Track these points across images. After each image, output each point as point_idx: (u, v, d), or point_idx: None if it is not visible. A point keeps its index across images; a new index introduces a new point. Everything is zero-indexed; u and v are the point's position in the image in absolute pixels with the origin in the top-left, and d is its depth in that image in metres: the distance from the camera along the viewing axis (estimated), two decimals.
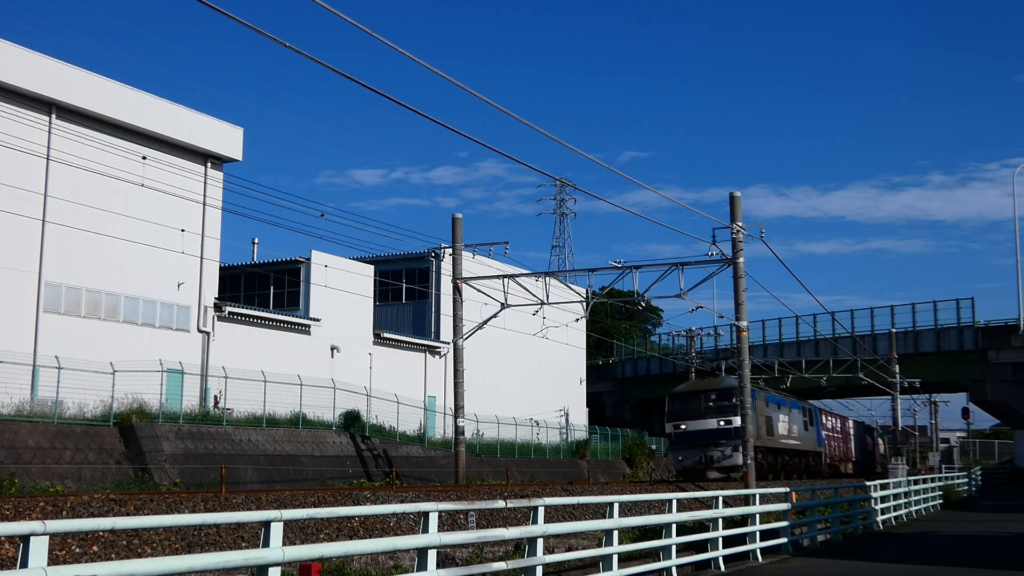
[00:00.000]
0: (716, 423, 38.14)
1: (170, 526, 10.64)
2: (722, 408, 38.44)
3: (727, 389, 38.94)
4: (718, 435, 38.01)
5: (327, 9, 12.63)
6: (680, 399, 40.74)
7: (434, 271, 51.59)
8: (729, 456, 37.13)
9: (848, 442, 62.50)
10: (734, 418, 36.10)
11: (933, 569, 17.51)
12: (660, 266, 30.55)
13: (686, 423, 39.02)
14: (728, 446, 37.18)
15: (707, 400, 39.40)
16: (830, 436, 56.01)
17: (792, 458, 45.41)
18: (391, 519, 16.34)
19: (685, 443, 38.82)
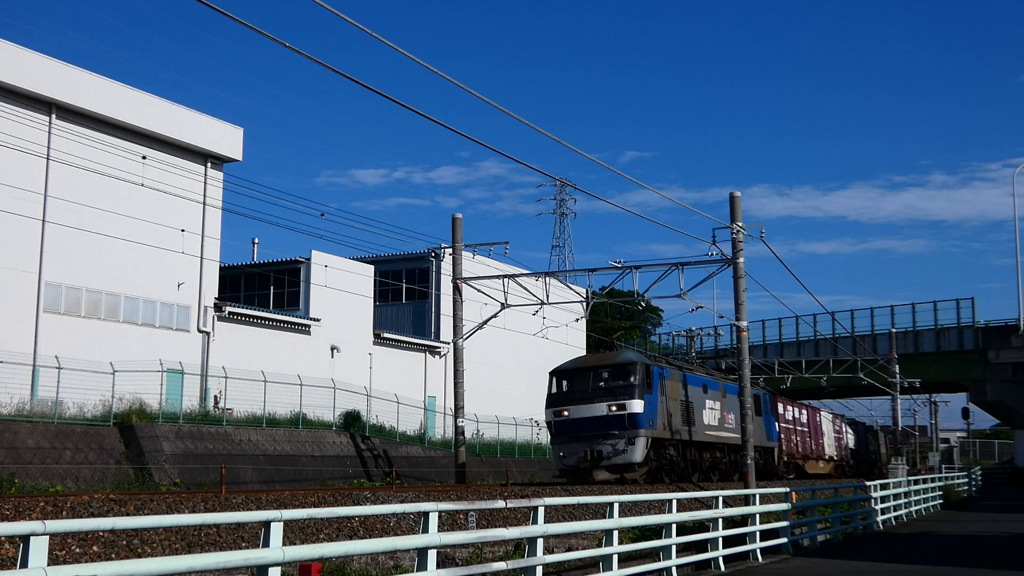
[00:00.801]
0: (606, 408, 29.46)
1: (170, 526, 10.64)
2: (615, 390, 29.71)
3: (622, 365, 30.44)
4: (609, 424, 29.33)
5: (327, 9, 12.64)
6: (563, 379, 31.12)
7: (434, 271, 51.59)
8: (622, 451, 28.95)
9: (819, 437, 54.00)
10: (630, 402, 29.18)
11: (933, 569, 17.51)
12: (660, 266, 30.56)
13: (569, 409, 29.92)
14: (621, 438, 28.97)
15: (597, 379, 30.23)
16: (789, 429, 47.60)
17: (728, 454, 36.42)
18: (391, 519, 16.34)
19: (567, 434, 29.90)
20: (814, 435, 52.69)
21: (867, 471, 61.08)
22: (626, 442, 29.06)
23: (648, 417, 29.53)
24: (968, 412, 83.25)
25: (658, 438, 30.27)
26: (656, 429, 30.00)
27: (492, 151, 25.34)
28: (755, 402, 39.13)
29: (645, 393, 29.58)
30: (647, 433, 29.39)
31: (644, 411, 29.27)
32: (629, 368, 30.22)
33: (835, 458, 56.79)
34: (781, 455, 44.53)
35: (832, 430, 57.62)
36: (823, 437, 54.76)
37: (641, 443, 29.14)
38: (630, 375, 29.98)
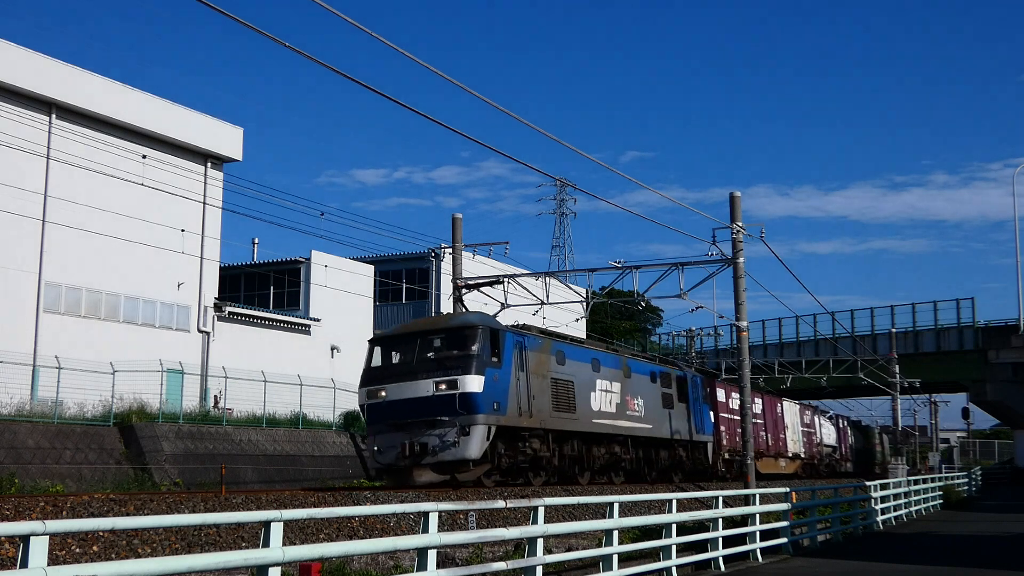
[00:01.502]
0: (433, 387, 21.99)
1: (170, 526, 10.64)
2: (447, 362, 22.27)
3: (458, 329, 22.94)
4: (436, 407, 21.94)
5: (327, 9, 12.64)
6: (383, 348, 23.62)
7: (434, 271, 51.60)
8: (452, 444, 21.52)
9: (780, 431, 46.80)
10: (465, 377, 21.75)
11: (933, 569, 17.51)
12: (660, 266, 30.51)
13: (386, 388, 22.52)
14: (451, 427, 21.61)
15: (425, 348, 22.87)
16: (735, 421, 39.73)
17: (636, 449, 29.52)
18: (391, 519, 16.35)
19: (384, 422, 22.48)
20: (772, 428, 45.87)
21: (865, 471, 60.90)
22: (458, 431, 21.49)
23: (492, 398, 22.07)
24: (968, 412, 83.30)
25: (510, 427, 22.76)
26: (506, 415, 22.43)
27: (493, 151, 25.35)
28: (677, 384, 32.89)
29: (488, 367, 22.15)
30: (489, 419, 21.86)
31: (485, 390, 21.84)
32: (467, 333, 22.49)
33: (803, 456, 50.02)
34: (720, 451, 37.63)
35: (799, 423, 50.74)
36: (785, 431, 47.74)
37: (479, 433, 21.59)
38: (468, 342, 22.31)
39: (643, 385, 30.18)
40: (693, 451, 33.94)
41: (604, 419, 27.37)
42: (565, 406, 25.34)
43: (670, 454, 31.93)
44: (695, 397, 34.55)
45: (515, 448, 23.33)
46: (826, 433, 56.77)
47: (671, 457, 32.04)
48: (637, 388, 29.68)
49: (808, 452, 51.24)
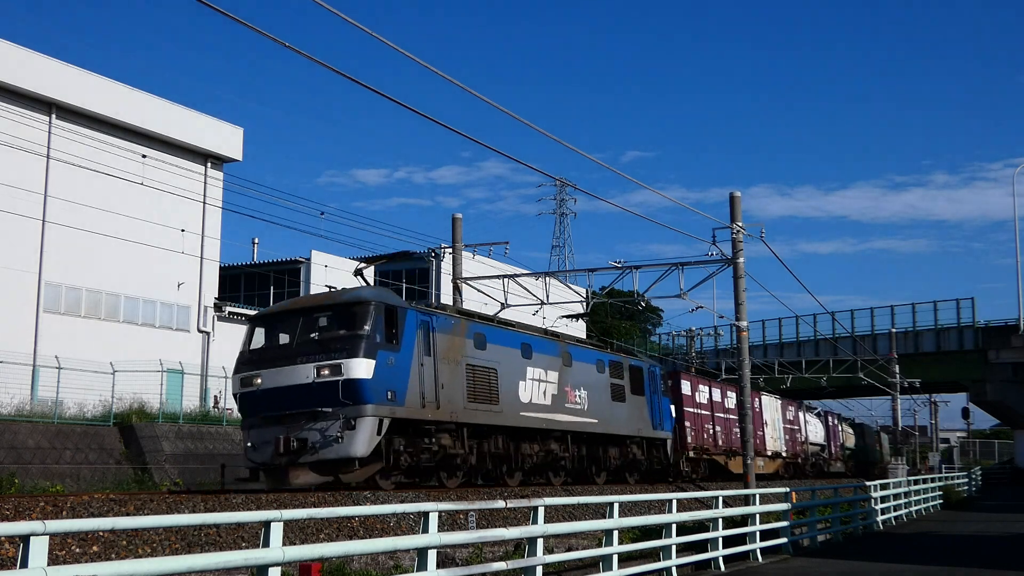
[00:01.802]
0: (314, 371, 18.86)
1: (170, 526, 10.64)
2: (331, 343, 19.13)
3: (347, 306, 19.64)
4: (317, 396, 18.77)
5: (327, 9, 12.64)
6: (265, 326, 20.61)
7: (434, 271, 51.59)
8: (336, 439, 18.39)
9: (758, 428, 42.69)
10: (350, 361, 18.64)
11: (933, 569, 17.51)
12: (660, 266, 30.51)
13: (263, 374, 19.40)
14: (334, 420, 18.52)
15: (309, 328, 19.75)
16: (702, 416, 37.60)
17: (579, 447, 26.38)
18: (391, 519, 16.35)
19: (259, 413, 19.42)
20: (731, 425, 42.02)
21: (862, 472, 60.65)
22: (342, 425, 18.44)
23: (385, 386, 18.99)
24: (968, 412, 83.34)
25: (410, 420, 19.70)
26: (404, 405, 19.44)
27: (493, 151, 25.35)
28: (632, 376, 29.69)
29: (382, 349, 19.13)
30: (381, 411, 18.83)
31: (376, 376, 18.78)
32: (356, 310, 19.34)
33: (784, 455, 46.76)
34: (684, 449, 34.61)
35: (781, 420, 47.38)
36: (764, 428, 44.07)
37: (367, 427, 18.50)
38: (357, 320, 19.17)
39: (588, 375, 26.88)
40: (650, 449, 30.64)
41: (536, 412, 24.03)
42: (485, 397, 22.00)
43: (622, 452, 28.74)
44: (653, 389, 31.20)
45: (418, 445, 20.04)
46: (812, 431, 53.84)
47: (623, 455, 28.84)
48: (580, 378, 26.37)
49: (791, 450, 48.40)
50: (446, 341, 21.15)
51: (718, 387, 40.64)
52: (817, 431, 55.15)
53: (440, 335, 20.96)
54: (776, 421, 46.82)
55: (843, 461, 60.74)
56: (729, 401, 40.90)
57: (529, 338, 24.85)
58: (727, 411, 40.65)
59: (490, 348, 22.68)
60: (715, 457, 38.33)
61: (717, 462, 38.54)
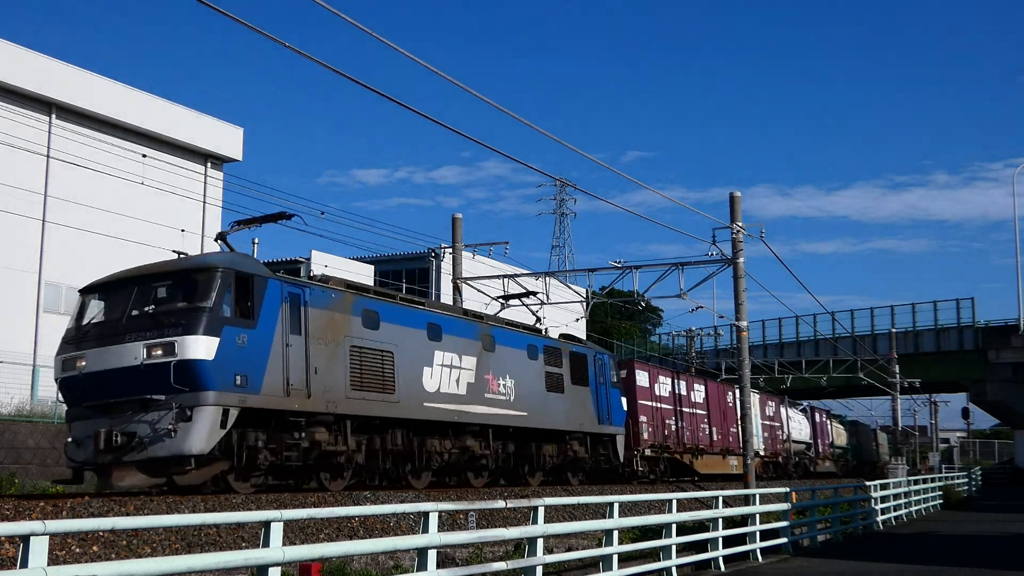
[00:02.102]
0: (144, 352, 15.82)
1: (170, 526, 10.64)
2: (167, 317, 16.12)
3: (188, 273, 16.84)
4: (147, 381, 15.70)
5: (327, 9, 12.64)
6: (93, 298, 17.65)
7: (434, 271, 51.60)
8: (168, 433, 15.41)
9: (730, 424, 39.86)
10: (186, 339, 15.68)
11: (933, 569, 17.52)
12: (660, 266, 30.54)
13: (88, 354, 16.43)
14: (167, 410, 15.48)
15: (142, 299, 16.75)
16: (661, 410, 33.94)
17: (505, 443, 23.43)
18: (391, 519, 16.35)
19: (81, 403, 16.53)
20: (719, 420, 39.21)
21: (859, 473, 60.44)
22: (176, 416, 15.38)
23: (231, 368, 15.98)
24: (968, 412, 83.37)
25: (269, 410, 16.70)
26: (260, 392, 16.40)
27: (493, 151, 25.35)
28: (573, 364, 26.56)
29: (230, 324, 16.15)
30: (227, 398, 15.85)
31: (219, 356, 15.77)
32: (199, 278, 16.40)
33: (764, 453, 43.40)
34: (639, 446, 31.39)
35: (760, 416, 43.95)
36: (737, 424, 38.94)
37: (207, 418, 15.54)
38: (200, 290, 16.24)
39: (516, 362, 23.85)
40: (596, 446, 27.51)
41: (447, 403, 20.95)
42: (377, 384, 18.98)
43: (560, 449, 25.80)
44: (601, 380, 27.96)
45: (283, 441, 17.12)
46: (796, 428, 50.11)
47: (562, 453, 25.92)
48: (505, 365, 23.32)
49: (771, 449, 44.92)
50: (323, 318, 17.94)
51: (684, 379, 37.10)
52: (802, 428, 51.59)
53: (315, 311, 17.81)
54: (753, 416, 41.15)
55: (833, 460, 58.18)
56: (697, 394, 37.53)
57: (438, 318, 21.59)
58: (694, 405, 37.13)
59: (385, 328, 19.53)
60: (678, 455, 34.69)
61: (680, 461, 34.93)
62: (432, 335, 21.00)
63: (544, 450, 25.12)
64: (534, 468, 24.88)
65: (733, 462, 38.69)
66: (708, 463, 37.29)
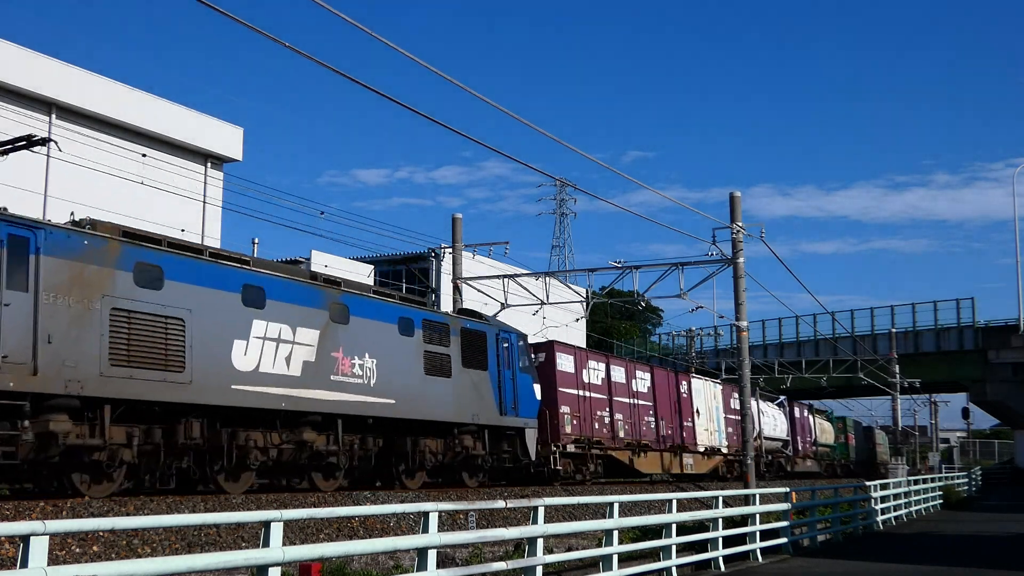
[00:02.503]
0: None
1: (170, 526, 10.64)
2: None
3: None
4: None
5: (327, 9, 12.64)
6: None
7: (434, 271, 51.59)
8: None
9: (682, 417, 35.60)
10: None
11: (933, 569, 17.52)
12: (660, 266, 30.53)
13: None
14: None
15: None
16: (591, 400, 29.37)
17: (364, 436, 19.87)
18: (391, 519, 16.35)
19: None
20: (668, 412, 34.33)
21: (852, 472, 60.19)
22: None
23: None
24: (968, 412, 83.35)
25: None
26: None
27: (494, 152, 25.35)
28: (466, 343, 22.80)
29: None
30: None
31: None
32: None
33: (727, 451, 39.15)
34: (558, 440, 26.88)
35: (723, 408, 39.73)
36: (694, 417, 36.50)
37: None
38: None
39: (380, 338, 19.86)
40: (498, 441, 23.50)
41: (271, 386, 17.10)
42: (155, 359, 15.13)
43: (448, 445, 22.03)
44: (505, 363, 23.66)
45: None
46: (769, 423, 44.93)
47: (450, 449, 22.07)
48: (364, 341, 19.35)
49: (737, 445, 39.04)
50: (67, 270, 14.17)
51: (622, 365, 32.34)
52: (777, 424, 46.31)
53: (52, 261, 14.06)
54: (714, 410, 38.78)
55: (816, 459, 53.63)
56: (640, 383, 32.69)
57: (261, 279, 17.45)
58: (636, 395, 32.17)
59: (172, 288, 15.61)
60: (614, 453, 30.24)
61: (617, 459, 30.56)
62: (250, 300, 16.99)
63: (424, 446, 21.17)
64: (412, 467, 21.17)
65: (689, 460, 34.83)
66: (653, 461, 32.87)
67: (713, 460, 38.34)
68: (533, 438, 24.58)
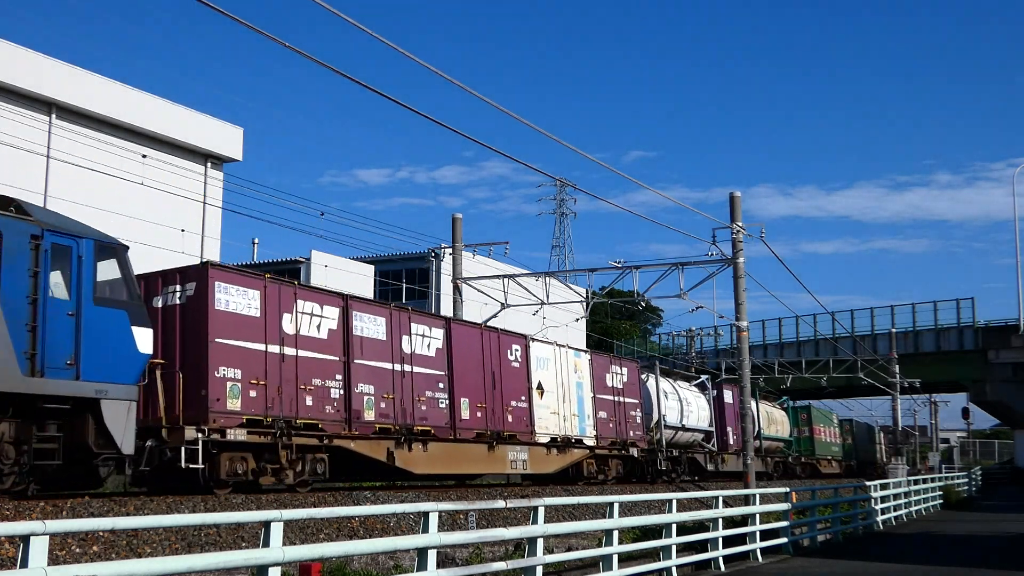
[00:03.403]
0: None
1: (170, 526, 10.64)
2: None
3: None
4: None
5: (327, 9, 12.63)
6: None
7: (434, 271, 51.60)
8: None
9: (518, 395, 25.18)
10: None
11: (933, 569, 17.52)
12: (660, 266, 30.54)
13: None
14: None
15: None
16: (294, 358, 18.60)
17: None
18: (391, 519, 16.35)
19: None
20: (474, 386, 23.54)
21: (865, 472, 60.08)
22: None
23: None
24: (968, 412, 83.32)
25: None
26: None
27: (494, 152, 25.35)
28: None
29: None
30: None
31: None
32: None
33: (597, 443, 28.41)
34: (205, 423, 16.45)
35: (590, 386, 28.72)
36: (529, 395, 25.61)
37: None
38: None
39: None
40: (41, 421, 14.11)
41: None
42: None
43: None
44: (56, 286, 14.56)
45: None
46: (676, 408, 34.47)
47: None
48: None
49: (617, 436, 29.63)
50: None
51: (381, 314, 21.28)
52: (690, 410, 35.67)
53: None
54: (572, 387, 27.66)
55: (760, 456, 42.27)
56: (421, 341, 22.06)
57: None
58: (412, 359, 21.65)
59: None
60: (350, 444, 19.55)
61: (355, 453, 19.78)
62: None
63: None
64: None
65: (521, 455, 24.70)
66: (440, 456, 22.13)
67: (569, 455, 27.07)
68: (123, 416, 14.71)
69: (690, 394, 37.14)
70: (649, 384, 33.47)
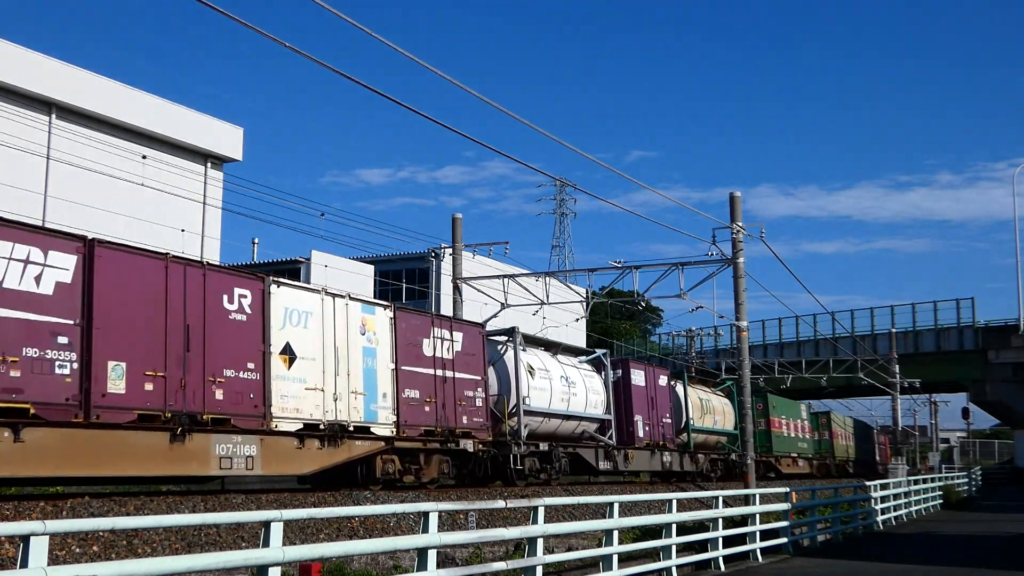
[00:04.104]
0: None
1: (170, 526, 10.64)
2: None
3: None
4: None
5: (328, 9, 12.63)
6: None
7: (434, 271, 51.58)
8: None
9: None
10: None
11: (933, 569, 17.52)
12: (660, 266, 30.51)
13: None
14: None
15: None
16: None
17: None
18: (391, 519, 16.35)
19: None
20: (150, 349, 15.18)
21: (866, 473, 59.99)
22: None
23: None
24: (968, 412, 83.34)
25: None
26: None
27: (495, 152, 25.33)
28: None
29: None
30: None
31: None
32: None
33: (391, 431, 19.93)
34: None
35: (374, 350, 19.96)
36: (265, 363, 17.15)
37: None
38: None
39: None
40: None
41: None
42: None
43: None
44: None
45: None
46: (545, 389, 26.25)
47: None
48: None
49: (443, 422, 21.77)
50: None
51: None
52: (574, 392, 27.81)
53: None
54: (353, 352, 19.58)
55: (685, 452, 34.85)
56: (15, 270, 13.80)
57: None
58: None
59: None
60: None
61: None
62: None
63: None
64: None
65: (230, 450, 16.60)
66: (59, 450, 14.39)
67: (344, 449, 19.05)
68: None
69: (576, 372, 28.65)
70: (507, 357, 25.39)
